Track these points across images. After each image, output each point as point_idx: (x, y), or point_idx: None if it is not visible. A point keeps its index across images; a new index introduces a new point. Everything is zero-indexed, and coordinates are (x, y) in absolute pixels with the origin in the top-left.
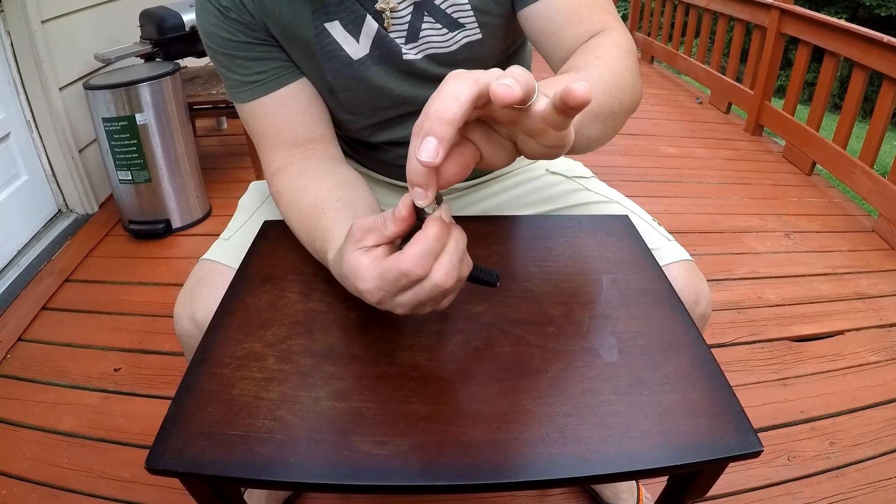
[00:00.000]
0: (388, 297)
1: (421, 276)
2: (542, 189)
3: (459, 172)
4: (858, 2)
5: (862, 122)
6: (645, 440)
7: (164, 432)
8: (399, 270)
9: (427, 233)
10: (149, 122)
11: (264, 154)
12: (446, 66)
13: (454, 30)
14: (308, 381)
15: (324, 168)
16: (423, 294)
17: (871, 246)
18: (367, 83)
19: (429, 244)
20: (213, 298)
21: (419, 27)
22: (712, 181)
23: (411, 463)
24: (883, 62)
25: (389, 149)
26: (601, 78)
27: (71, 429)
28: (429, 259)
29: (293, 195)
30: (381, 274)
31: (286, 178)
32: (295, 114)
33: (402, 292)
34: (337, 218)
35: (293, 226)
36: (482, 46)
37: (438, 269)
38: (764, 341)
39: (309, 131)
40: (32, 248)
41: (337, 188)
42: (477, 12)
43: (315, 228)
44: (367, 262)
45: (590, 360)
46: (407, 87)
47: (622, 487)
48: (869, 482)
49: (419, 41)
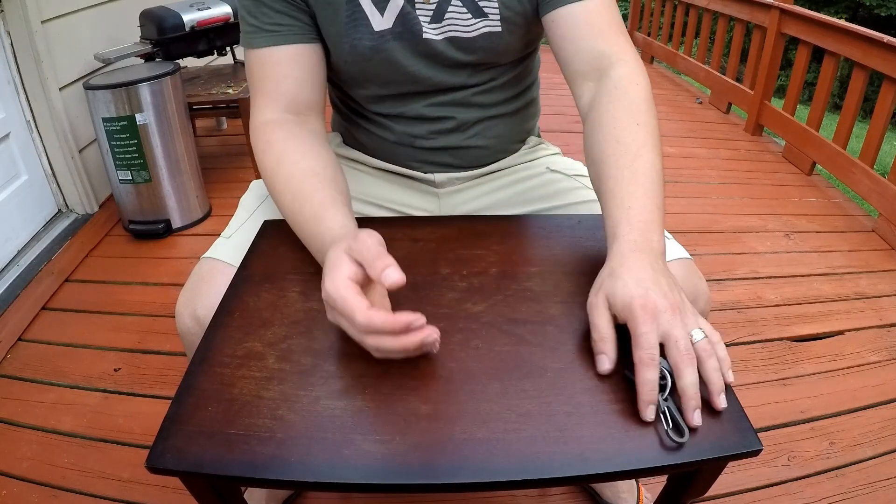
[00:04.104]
0: (329, 308)
1: (360, 325)
2: (541, 186)
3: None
4: (858, 2)
5: (862, 122)
6: (645, 439)
7: (164, 432)
8: (354, 309)
9: (395, 321)
10: (149, 122)
11: (259, 100)
12: (464, 51)
13: (477, 17)
14: (308, 381)
15: (317, 142)
16: (349, 331)
17: (871, 246)
18: (383, 56)
19: (386, 325)
20: (214, 296)
21: (445, 9)
22: (712, 181)
23: (411, 462)
24: (883, 62)
25: (386, 122)
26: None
27: (71, 429)
28: (378, 328)
29: (289, 154)
30: (344, 296)
31: (281, 134)
32: (301, 73)
33: (339, 317)
34: (335, 197)
35: (280, 181)
36: (500, 40)
37: (377, 341)
38: (764, 341)
39: (307, 95)
40: (32, 249)
41: (331, 167)
42: (501, 5)
43: (312, 196)
44: (347, 272)
45: (590, 360)
46: (421, 67)
47: (622, 487)
48: (869, 482)
49: (443, 22)
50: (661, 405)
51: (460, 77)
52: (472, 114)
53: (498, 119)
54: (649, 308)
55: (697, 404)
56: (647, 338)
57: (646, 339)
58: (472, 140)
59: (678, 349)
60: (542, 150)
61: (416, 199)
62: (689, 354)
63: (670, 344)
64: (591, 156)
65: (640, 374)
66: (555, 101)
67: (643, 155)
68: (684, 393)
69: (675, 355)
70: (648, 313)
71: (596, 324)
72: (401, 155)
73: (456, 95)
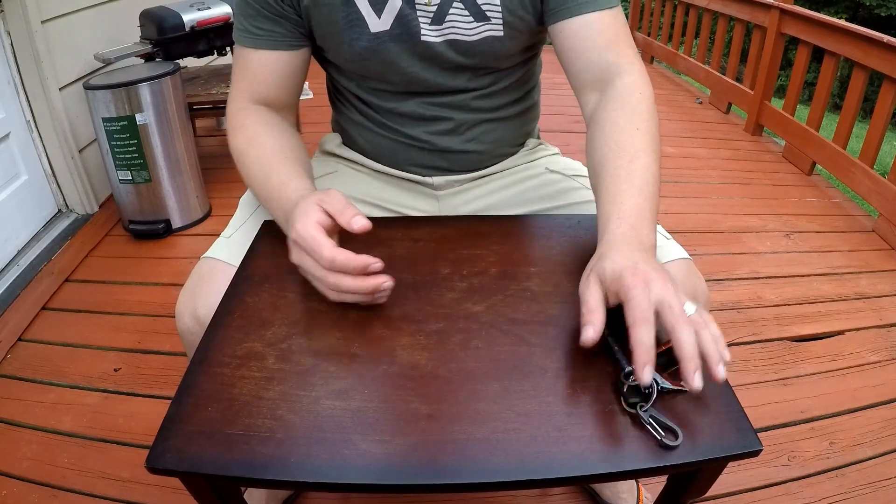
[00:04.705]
0: (296, 249)
1: (325, 259)
2: (541, 187)
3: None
4: (858, 2)
5: (862, 122)
6: (645, 439)
7: (164, 432)
8: (322, 245)
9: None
10: (149, 122)
11: (236, 90)
12: (464, 54)
13: (479, 20)
14: (308, 381)
15: (287, 130)
16: (311, 271)
17: (871, 246)
18: (381, 57)
19: (349, 262)
20: (214, 296)
21: (447, 11)
22: (712, 181)
23: (411, 462)
24: (883, 62)
25: (385, 121)
26: (643, 171)
27: (71, 429)
28: (340, 264)
29: (259, 137)
30: (314, 235)
31: (254, 119)
32: (276, 77)
33: (304, 256)
34: (300, 171)
35: (250, 158)
36: (502, 45)
37: (337, 279)
38: (764, 341)
39: (280, 96)
40: (32, 248)
41: (298, 150)
42: (504, 10)
43: (279, 168)
44: (317, 217)
45: (590, 360)
46: (419, 69)
47: (622, 487)
48: (869, 482)
49: (443, 25)
50: (644, 417)
51: (460, 80)
52: (471, 116)
53: (497, 123)
54: (640, 275)
55: (697, 365)
56: (638, 300)
57: (637, 301)
58: (469, 144)
59: (673, 312)
60: (541, 150)
61: (416, 200)
62: (685, 317)
63: (664, 308)
64: (592, 159)
65: (634, 336)
66: (555, 101)
67: (640, 158)
68: (683, 352)
69: (670, 318)
70: (640, 279)
71: (585, 299)
72: (399, 158)
73: (454, 98)
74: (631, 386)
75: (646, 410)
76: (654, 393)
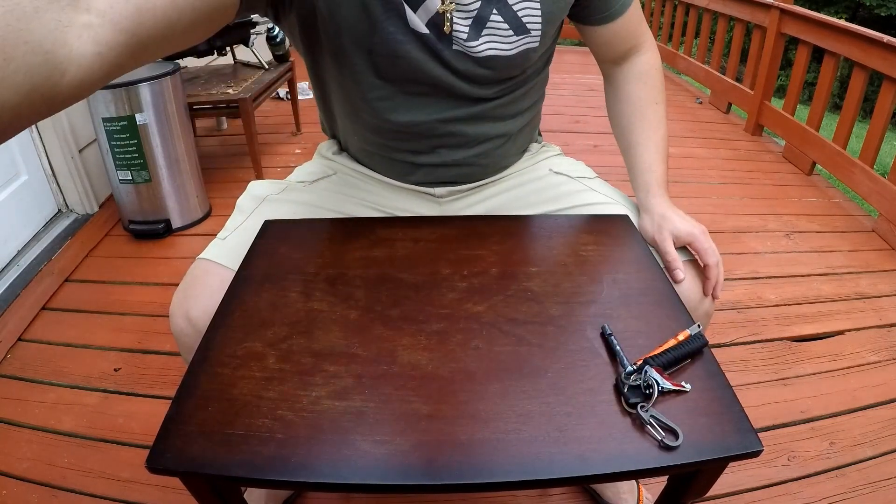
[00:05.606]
0: None
1: None
2: (545, 189)
3: None
4: (858, 2)
5: (862, 122)
6: (645, 440)
7: (164, 432)
8: None
9: None
10: (149, 122)
11: None
12: (497, 69)
13: (520, 34)
14: (308, 381)
15: None
16: None
17: (871, 246)
18: (408, 58)
19: None
20: (207, 297)
21: (484, 24)
22: (712, 181)
23: (411, 462)
24: (883, 62)
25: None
26: (663, 141)
27: (71, 429)
28: None
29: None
30: None
31: None
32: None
33: None
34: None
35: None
36: (534, 55)
37: None
38: (764, 341)
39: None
40: (32, 248)
41: None
42: (545, 21)
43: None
44: None
45: (590, 360)
46: (443, 73)
47: (622, 487)
48: (869, 482)
49: (480, 39)
50: (646, 417)
51: (487, 90)
52: (484, 129)
53: (504, 138)
54: (706, 232)
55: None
56: (713, 249)
57: (713, 250)
58: (475, 159)
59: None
60: (543, 152)
61: (418, 205)
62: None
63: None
64: (618, 121)
65: (711, 270)
66: (555, 101)
67: (660, 129)
68: (712, 270)
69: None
70: (706, 235)
71: (667, 250)
72: (404, 177)
73: (473, 109)
74: (631, 386)
75: (646, 411)
76: (654, 393)
